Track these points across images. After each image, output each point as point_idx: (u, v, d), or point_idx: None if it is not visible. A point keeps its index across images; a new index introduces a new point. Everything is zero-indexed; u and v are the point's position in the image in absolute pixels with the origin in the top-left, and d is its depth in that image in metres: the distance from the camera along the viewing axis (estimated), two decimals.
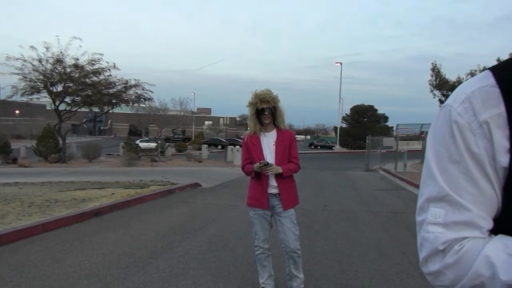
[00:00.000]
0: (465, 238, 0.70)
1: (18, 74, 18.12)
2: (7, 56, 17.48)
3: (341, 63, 45.98)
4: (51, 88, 18.94)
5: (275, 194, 3.28)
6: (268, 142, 3.32)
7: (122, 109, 23.73)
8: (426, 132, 25.11)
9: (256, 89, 3.32)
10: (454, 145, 0.73)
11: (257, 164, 3.18)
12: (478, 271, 0.66)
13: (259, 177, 3.30)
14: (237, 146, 23.17)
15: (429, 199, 0.74)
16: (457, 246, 0.69)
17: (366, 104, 49.76)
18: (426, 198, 0.75)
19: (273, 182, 3.27)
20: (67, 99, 19.85)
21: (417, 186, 12.27)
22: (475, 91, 0.73)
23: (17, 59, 17.68)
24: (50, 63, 18.27)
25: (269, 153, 3.29)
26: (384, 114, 50.00)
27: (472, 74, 20.45)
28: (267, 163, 3.16)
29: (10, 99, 20.25)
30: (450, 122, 0.74)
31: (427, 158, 0.78)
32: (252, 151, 3.30)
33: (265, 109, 3.24)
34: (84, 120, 33.33)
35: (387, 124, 49.24)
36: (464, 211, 0.71)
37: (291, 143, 3.35)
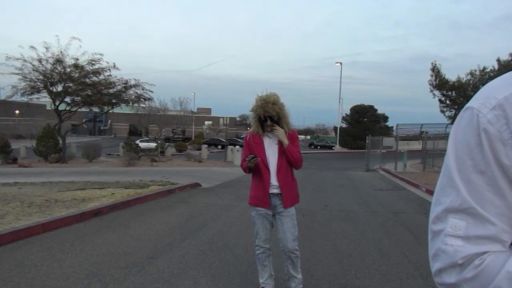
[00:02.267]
0: (486, 252, 0.65)
1: (18, 74, 18.14)
2: (7, 56, 17.50)
3: (341, 63, 45.99)
4: (51, 88, 18.95)
5: (277, 194, 3.29)
6: (271, 142, 3.33)
7: (122, 109, 23.76)
8: (426, 132, 25.14)
9: (262, 91, 3.28)
10: (480, 154, 0.67)
11: (247, 158, 3.20)
12: (499, 287, 0.62)
13: (255, 173, 3.32)
14: (237, 146, 23.17)
15: (448, 210, 0.69)
16: (477, 260, 0.65)
17: (366, 104, 49.78)
18: (445, 208, 0.70)
19: (274, 181, 3.28)
20: (67, 99, 19.86)
21: (417, 186, 12.28)
22: (509, 97, 0.67)
23: (17, 59, 17.70)
24: (50, 63, 18.28)
25: (271, 153, 3.30)
26: (384, 114, 50.02)
27: (472, 74, 20.44)
28: (254, 156, 3.18)
29: (10, 99, 20.27)
30: (477, 129, 0.68)
31: (448, 164, 0.72)
32: (255, 150, 3.30)
33: (267, 118, 3.23)
34: (84, 120, 33.32)
35: (387, 124, 49.23)
36: (488, 224, 0.66)
37: (294, 141, 3.35)
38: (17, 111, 43.01)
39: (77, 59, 18.62)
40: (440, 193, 0.72)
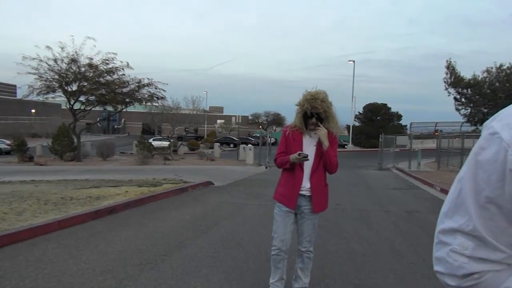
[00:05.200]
0: (489, 271, 0.65)
1: (34, 73, 18.48)
2: (23, 56, 17.83)
3: (354, 61, 45.65)
4: (66, 88, 19.25)
5: (306, 196, 3.16)
6: (311, 142, 3.17)
7: (136, 108, 23.98)
8: (441, 131, 24.80)
9: (313, 87, 3.14)
10: (501, 190, 0.63)
11: (295, 155, 3.03)
12: None
13: (288, 170, 3.17)
14: (249, 145, 23.20)
15: (458, 230, 0.68)
16: (476, 275, 0.65)
17: (379, 102, 49.29)
18: (455, 228, 0.68)
19: (306, 183, 3.15)
20: (82, 98, 20.14)
21: (431, 185, 12.12)
22: None
23: (33, 59, 18.02)
24: (65, 63, 18.57)
25: (309, 153, 3.14)
26: (397, 112, 49.41)
27: (488, 71, 20.06)
28: (307, 156, 3.03)
29: (26, 98, 20.64)
30: (503, 166, 0.63)
31: (464, 184, 0.68)
32: (292, 147, 3.15)
33: (313, 115, 3.06)
34: (98, 119, 33.73)
35: (400, 122, 48.70)
36: (497, 252, 0.65)
37: (332, 145, 3.18)
38: (33, 110, 43.74)
39: (92, 58, 18.89)
40: (453, 209, 0.70)
